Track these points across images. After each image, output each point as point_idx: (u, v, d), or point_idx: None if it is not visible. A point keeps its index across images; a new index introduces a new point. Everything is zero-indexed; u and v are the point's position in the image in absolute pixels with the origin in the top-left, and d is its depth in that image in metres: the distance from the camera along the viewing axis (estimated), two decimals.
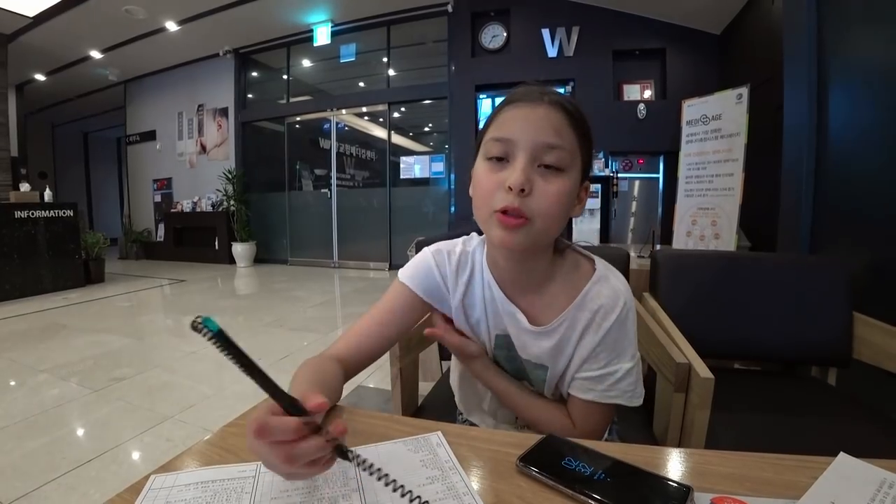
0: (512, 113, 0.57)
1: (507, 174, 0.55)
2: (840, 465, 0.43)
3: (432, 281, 0.68)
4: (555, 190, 0.55)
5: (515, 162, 0.55)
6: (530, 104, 0.56)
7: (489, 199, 0.56)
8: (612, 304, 0.62)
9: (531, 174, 0.54)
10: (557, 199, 0.55)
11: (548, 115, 0.55)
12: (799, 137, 1.99)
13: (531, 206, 0.54)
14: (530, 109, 0.56)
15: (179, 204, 7.14)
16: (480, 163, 0.59)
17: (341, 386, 0.61)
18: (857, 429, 0.99)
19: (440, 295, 0.69)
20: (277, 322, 3.41)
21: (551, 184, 0.55)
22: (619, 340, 0.62)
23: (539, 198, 0.54)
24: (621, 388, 0.62)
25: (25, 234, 4.27)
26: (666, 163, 4.64)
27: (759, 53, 3.52)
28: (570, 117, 0.57)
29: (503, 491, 0.42)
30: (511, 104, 0.58)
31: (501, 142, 0.56)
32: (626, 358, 0.63)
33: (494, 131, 0.57)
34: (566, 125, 0.56)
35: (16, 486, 1.39)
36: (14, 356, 2.59)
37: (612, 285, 0.63)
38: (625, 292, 0.63)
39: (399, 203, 5.88)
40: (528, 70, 4.90)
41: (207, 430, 1.75)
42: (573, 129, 0.57)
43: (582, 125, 0.58)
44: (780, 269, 1.31)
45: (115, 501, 0.40)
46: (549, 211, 0.55)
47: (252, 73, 6.95)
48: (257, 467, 0.45)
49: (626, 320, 0.62)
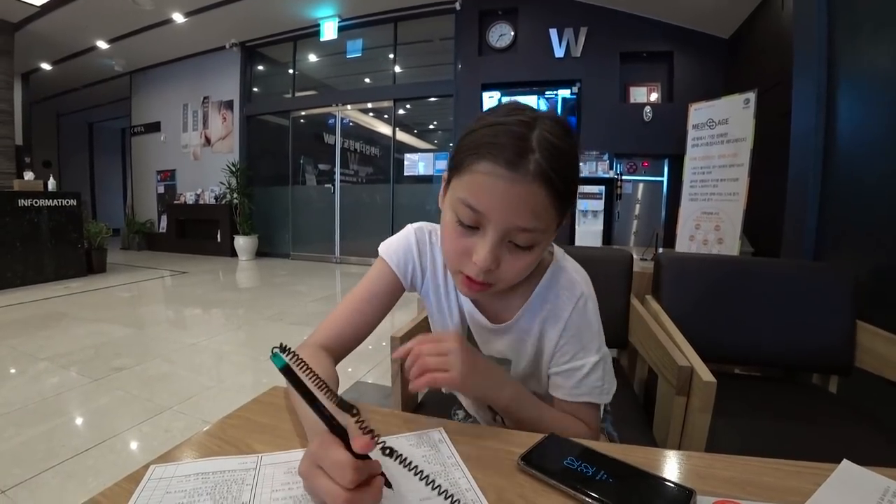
0: (488, 182, 0.49)
1: (475, 243, 0.52)
2: (843, 473, 0.43)
3: (410, 257, 0.69)
4: (524, 263, 0.54)
5: (485, 237, 0.51)
6: (510, 177, 0.48)
7: (455, 260, 0.56)
8: (569, 294, 0.62)
9: (499, 252, 0.52)
10: (526, 269, 0.55)
11: (528, 195, 0.49)
12: (806, 143, 1.98)
13: (496, 276, 0.54)
14: (509, 185, 0.48)
15: (183, 196, 7.14)
16: (449, 215, 0.55)
17: (338, 378, 0.61)
18: (859, 437, 0.99)
19: (414, 273, 0.69)
20: (278, 316, 3.41)
21: (519, 259, 0.53)
22: (583, 331, 0.62)
23: (506, 271, 0.54)
24: (589, 385, 0.62)
25: (28, 223, 4.28)
26: (671, 166, 4.63)
27: (767, 58, 3.51)
28: (554, 192, 0.50)
29: (505, 489, 0.42)
30: (490, 162, 0.49)
31: (472, 210, 0.51)
32: (592, 351, 0.62)
33: (466, 193, 0.51)
34: (548, 204, 0.50)
35: (14, 473, 1.40)
36: (14, 344, 2.60)
37: (568, 276, 0.63)
38: (581, 283, 0.63)
39: (402, 200, 5.87)
40: (535, 70, 4.90)
41: (206, 421, 1.75)
42: (556, 205, 0.51)
43: (567, 193, 0.52)
44: (784, 275, 1.31)
45: (113, 490, 0.40)
46: (515, 278, 0.56)
47: (258, 67, 6.95)
48: (258, 459, 0.44)
49: (584, 310, 0.62)
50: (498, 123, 0.51)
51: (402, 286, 0.69)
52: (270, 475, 0.42)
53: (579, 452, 0.46)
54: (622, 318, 1.28)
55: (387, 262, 0.68)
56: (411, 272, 0.69)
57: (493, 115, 0.53)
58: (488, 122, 0.52)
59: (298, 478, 0.40)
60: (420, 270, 0.69)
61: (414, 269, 0.69)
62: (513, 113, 0.52)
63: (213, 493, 0.39)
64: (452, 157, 0.55)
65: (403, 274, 0.68)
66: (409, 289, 0.70)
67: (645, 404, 1.14)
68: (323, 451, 0.36)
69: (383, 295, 0.68)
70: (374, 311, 0.67)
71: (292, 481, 0.41)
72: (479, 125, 0.53)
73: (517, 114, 0.52)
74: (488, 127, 0.51)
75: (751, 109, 3.03)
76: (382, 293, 0.68)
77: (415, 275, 0.69)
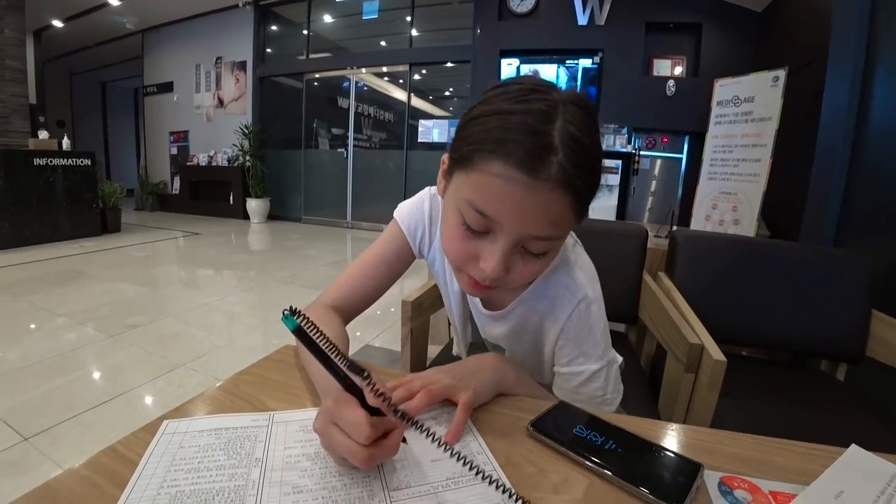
0: (501, 187, 0.42)
1: (483, 249, 0.47)
2: (851, 457, 0.43)
3: (421, 223, 0.67)
4: (535, 270, 0.49)
5: (495, 244, 0.46)
6: (527, 182, 0.41)
7: (460, 261, 0.51)
8: (570, 295, 0.58)
9: (510, 259, 0.47)
10: (536, 274, 0.51)
11: (548, 202, 0.42)
12: (836, 126, 1.91)
13: (505, 280, 0.49)
14: (525, 192, 0.42)
15: (195, 157, 7.14)
16: (453, 215, 0.49)
17: (348, 338, 0.61)
18: (865, 425, 0.99)
19: (422, 239, 0.68)
20: (289, 278, 3.46)
21: (531, 265, 0.49)
22: (582, 337, 0.58)
23: (515, 275, 0.49)
24: (588, 393, 0.59)
25: (44, 182, 4.32)
26: (691, 143, 4.51)
27: (801, 34, 3.35)
28: (576, 197, 0.43)
29: (513, 453, 0.42)
30: (502, 162, 0.42)
31: (482, 216, 0.45)
32: (592, 359, 0.58)
33: (474, 195, 0.44)
34: (568, 210, 0.44)
35: (36, 423, 1.46)
36: (33, 300, 2.67)
37: (573, 276, 0.58)
38: (587, 285, 0.58)
39: (415, 167, 5.81)
40: (556, 37, 4.73)
41: (218, 379, 1.79)
42: (575, 209, 0.45)
43: (590, 195, 0.46)
44: (801, 259, 1.28)
45: (129, 439, 0.41)
46: (524, 282, 0.52)
47: (272, 27, 6.80)
48: (270, 416, 0.45)
49: (586, 315, 0.57)
50: (511, 112, 0.43)
51: (412, 251, 0.68)
52: (283, 432, 0.43)
53: (589, 421, 0.46)
54: (633, 294, 1.27)
55: (399, 226, 0.67)
56: (420, 238, 0.68)
57: (506, 97, 0.44)
58: (500, 110, 0.43)
59: (311, 435, 0.40)
60: (429, 238, 0.68)
61: (423, 234, 0.67)
62: (529, 96, 0.43)
63: (226, 448, 0.40)
64: (455, 145, 0.48)
65: (413, 239, 0.67)
66: (417, 255, 0.69)
67: (651, 380, 1.14)
68: (338, 408, 0.37)
69: (394, 259, 0.67)
70: (385, 275, 0.67)
71: (305, 439, 0.42)
72: (489, 110, 0.44)
73: (534, 98, 0.43)
74: (499, 116, 0.43)
75: (779, 88, 2.92)
76: (393, 257, 0.67)
77: (423, 241, 0.68)
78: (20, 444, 1.35)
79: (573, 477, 0.39)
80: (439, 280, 0.72)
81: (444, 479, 0.38)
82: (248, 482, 0.36)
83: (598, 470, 0.39)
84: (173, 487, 0.35)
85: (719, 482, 0.38)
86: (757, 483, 0.38)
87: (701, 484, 0.38)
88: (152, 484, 0.36)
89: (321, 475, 0.38)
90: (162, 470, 0.37)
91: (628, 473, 0.38)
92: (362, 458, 0.35)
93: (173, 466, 0.38)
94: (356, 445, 0.35)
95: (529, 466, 0.40)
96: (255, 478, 0.37)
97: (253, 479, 0.37)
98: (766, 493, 0.37)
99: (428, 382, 0.47)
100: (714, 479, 0.39)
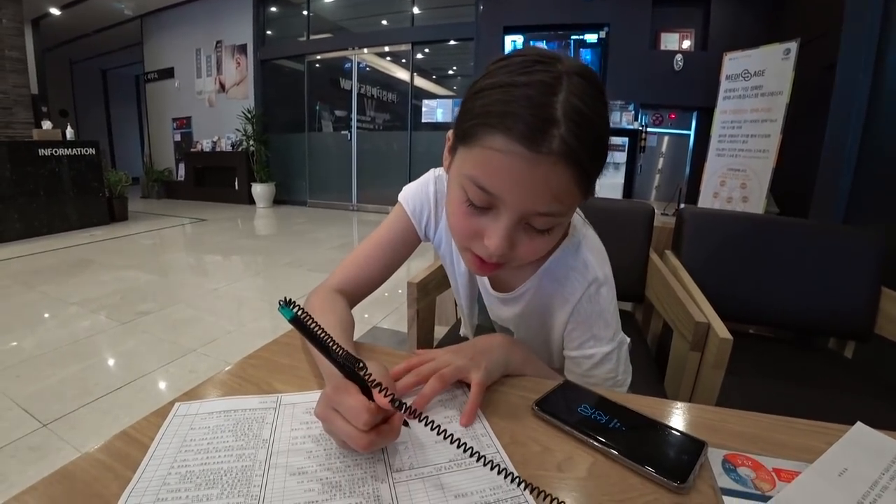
0: (503, 162, 0.42)
1: (487, 225, 0.46)
2: (856, 434, 0.43)
3: (426, 206, 0.67)
4: (540, 246, 0.48)
5: (498, 220, 0.45)
6: (529, 156, 0.40)
7: (464, 240, 0.50)
8: (580, 277, 0.57)
9: (514, 235, 0.46)
10: (542, 250, 0.49)
11: (550, 176, 0.41)
12: (850, 99, 1.86)
13: (510, 256, 0.48)
14: (527, 166, 0.41)
15: (199, 143, 7.13)
16: (456, 191, 0.48)
17: (353, 322, 0.61)
18: (873, 403, 0.99)
19: (428, 221, 0.67)
20: (296, 262, 3.48)
21: (536, 242, 0.48)
22: (592, 320, 0.57)
23: (520, 252, 0.48)
24: (600, 375, 0.59)
25: (50, 172, 4.34)
26: (699, 119, 4.41)
27: (814, 5, 3.24)
28: (581, 171, 0.42)
29: (518, 433, 0.42)
30: (504, 136, 0.41)
31: (484, 192, 0.44)
32: (604, 341, 0.58)
33: (477, 171, 0.44)
34: (572, 184, 0.43)
35: (54, 409, 1.50)
36: (46, 289, 2.71)
37: (583, 257, 0.57)
38: (596, 266, 0.57)
39: (420, 147, 5.77)
40: (560, 12, 4.61)
41: (229, 363, 1.82)
42: (579, 184, 0.43)
43: (595, 169, 0.45)
44: (811, 236, 1.27)
45: (142, 424, 0.42)
46: (530, 259, 0.50)
47: (271, 9, 6.69)
48: (278, 399, 0.46)
49: (597, 297, 0.57)
50: (513, 85, 0.42)
51: (417, 235, 0.68)
52: (290, 414, 0.44)
53: (593, 401, 0.46)
54: (640, 272, 1.26)
55: (404, 209, 0.67)
56: (426, 220, 0.68)
57: (508, 70, 0.43)
58: (502, 83, 0.42)
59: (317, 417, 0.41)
60: (434, 220, 0.68)
61: (429, 217, 0.67)
62: (532, 68, 0.42)
63: (234, 429, 0.41)
64: (458, 120, 0.47)
65: (419, 222, 0.67)
66: (423, 238, 0.69)
67: (657, 358, 1.15)
68: (338, 395, 0.37)
69: (399, 242, 0.67)
70: (391, 258, 0.67)
71: (311, 420, 0.43)
72: (491, 83, 0.43)
73: (537, 70, 0.42)
74: (501, 89, 0.42)
75: (791, 61, 2.84)
76: (398, 240, 0.67)
77: (429, 224, 0.68)
78: (39, 430, 1.39)
79: (578, 455, 0.40)
80: (446, 262, 0.72)
81: (447, 460, 0.38)
82: (255, 462, 0.37)
83: (603, 448, 0.39)
84: (183, 467, 0.36)
85: (723, 460, 0.39)
86: (761, 461, 0.38)
87: (705, 462, 0.38)
88: (163, 464, 0.36)
89: (325, 456, 0.39)
90: (173, 450, 0.38)
91: (632, 452, 0.38)
92: (362, 443, 0.35)
93: (184, 447, 0.39)
94: (356, 431, 0.35)
95: (534, 445, 0.41)
96: (262, 458, 0.38)
97: (260, 459, 0.38)
98: (770, 470, 0.37)
99: (440, 365, 0.47)
100: (718, 457, 0.39)
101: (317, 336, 0.35)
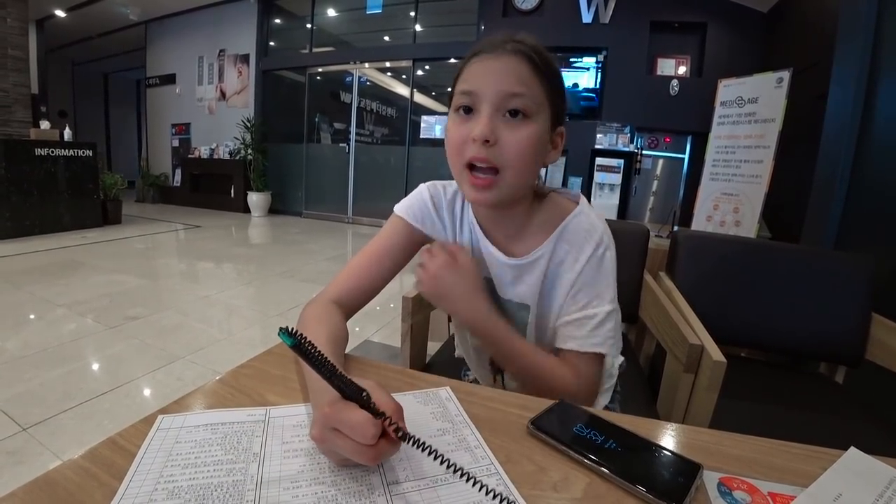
0: (476, 66, 0.57)
1: (474, 125, 0.55)
2: (849, 460, 0.43)
3: (427, 212, 0.69)
4: (522, 136, 0.55)
5: (480, 113, 0.55)
6: (493, 55, 0.56)
7: (458, 151, 0.57)
8: (589, 236, 0.62)
9: (496, 124, 0.55)
10: (525, 146, 0.56)
11: (510, 64, 0.55)
12: (840, 128, 1.90)
13: (499, 157, 0.55)
14: (493, 60, 0.56)
15: (197, 150, 7.12)
16: (450, 115, 0.60)
17: (347, 335, 0.61)
18: (864, 428, 0.99)
19: (433, 225, 0.70)
20: (289, 273, 3.46)
21: (517, 131, 0.55)
22: (597, 279, 0.62)
23: (506, 146, 0.55)
24: (602, 335, 0.60)
25: (45, 172, 4.31)
26: (693, 143, 4.50)
27: (806, 36, 3.33)
28: (534, 65, 0.56)
29: (513, 451, 0.42)
30: (476, 56, 0.57)
31: (467, 94, 0.56)
32: (606, 300, 0.62)
33: (461, 84, 0.58)
34: (530, 74, 0.55)
35: (35, 413, 1.46)
36: (34, 290, 2.67)
37: (590, 220, 0.64)
38: (603, 229, 0.63)
39: (417, 163, 5.80)
40: (560, 35, 4.71)
41: (217, 371, 1.80)
42: (538, 76, 0.56)
43: (548, 71, 0.57)
44: (803, 261, 1.28)
45: (129, 431, 0.41)
46: (517, 160, 0.56)
47: (275, 20, 6.77)
48: (267, 412, 0.45)
49: (602, 258, 0.62)
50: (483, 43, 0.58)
51: (417, 241, 0.70)
52: (280, 427, 0.43)
53: (589, 420, 0.46)
54: (634, 293, 1.27)
55: (402, 218, 0.69)
56: (430, 223, 0.70)
57: None
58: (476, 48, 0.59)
59: (307, 431, 0.40)
60: (439, 220, 0.70)
61: (432, 220, 0.70)
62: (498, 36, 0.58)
63: (223, 443, 0.40)
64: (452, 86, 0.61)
65: (422, 224, 0.69)
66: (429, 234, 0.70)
67: (650, 379, 1.14)
68: (338, 414, 0.36)
69: (397, 250, 0.69)
70: (388, 267, 0.68)
71: (302, 434, 0.42)
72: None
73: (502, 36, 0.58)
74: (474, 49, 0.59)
75: (783, 89, 2.91)
76: (396, 248, 0.69)
77: (435, 226, 0.70)
78: (19, 433, 1.36)
79: (573, 475, 0.39)
80: None
81: (443, 472, 0.38)
82: (247, 477, 0.36)
83: (598, 469, 0.39)
84: (170, 483, 0.35)
85: (718, 483, 0.38)
86: (756, 484, 0.38)
87: (700, 484, 0.38)
88: (149, 480, 0.35)
89: (319, 470, 0.38)
90: (158, 465, 0.37)
91: (628, 472, 0.38)
92: (370, 456, 0.35)
93: (170, 462, 0.37)
94: (362, 445, 0.35)
95: (529, 464, 0.40)
96: (254, 473, 0.37)
97: (251, 473, 0.37)
98: (765, 494, 0.37)
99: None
100: (713, 480, 0.39)
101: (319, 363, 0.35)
